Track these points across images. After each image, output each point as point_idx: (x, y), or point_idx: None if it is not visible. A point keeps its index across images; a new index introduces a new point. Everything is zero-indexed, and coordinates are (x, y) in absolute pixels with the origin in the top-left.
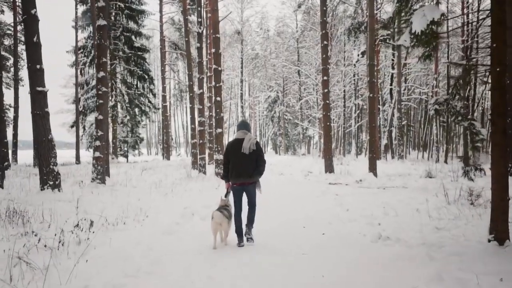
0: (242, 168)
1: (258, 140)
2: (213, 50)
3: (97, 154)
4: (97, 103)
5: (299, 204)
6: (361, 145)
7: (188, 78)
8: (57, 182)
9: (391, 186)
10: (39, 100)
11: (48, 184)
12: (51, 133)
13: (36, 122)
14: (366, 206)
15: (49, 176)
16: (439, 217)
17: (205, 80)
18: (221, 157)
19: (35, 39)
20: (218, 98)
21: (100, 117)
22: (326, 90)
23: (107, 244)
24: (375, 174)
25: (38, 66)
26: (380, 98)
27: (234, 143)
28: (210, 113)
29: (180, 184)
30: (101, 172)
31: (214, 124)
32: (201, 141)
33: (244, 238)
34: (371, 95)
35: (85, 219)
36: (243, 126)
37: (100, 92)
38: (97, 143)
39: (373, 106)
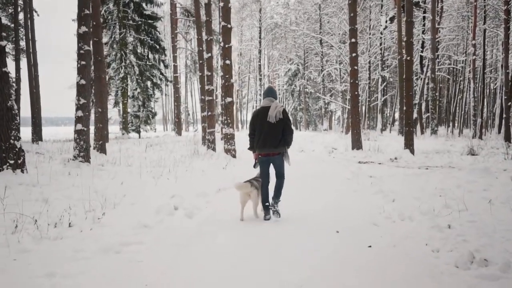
0: (267, 138)
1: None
2: (221, 4)
3: (79, 126)
4: (79, 65)
5: (325, 190)
6: (386, 120)
7: (197, 43)
8: (19, 161)
9: (433, 165)
10: None
11: (8, 164)
12: (12, 99)
13: None
14: (416, 195)
15: (9, 154)
16: None
17: (216, 49)
18: (231, 131)
19: None
20: (228, 61)
21: (82, 81)
22: (354, 54)
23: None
24: (412, 151)
25: None
26: None
27: (260, 111)
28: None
29: (183, 162)
30: (85, 148)
31: (223, 93)
32: (209, 113)
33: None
34: (408, 57)
35: (14, 220)
36: (270, 93)
37: (81, 52)
38: (79, 113)
39: (410, 70)
